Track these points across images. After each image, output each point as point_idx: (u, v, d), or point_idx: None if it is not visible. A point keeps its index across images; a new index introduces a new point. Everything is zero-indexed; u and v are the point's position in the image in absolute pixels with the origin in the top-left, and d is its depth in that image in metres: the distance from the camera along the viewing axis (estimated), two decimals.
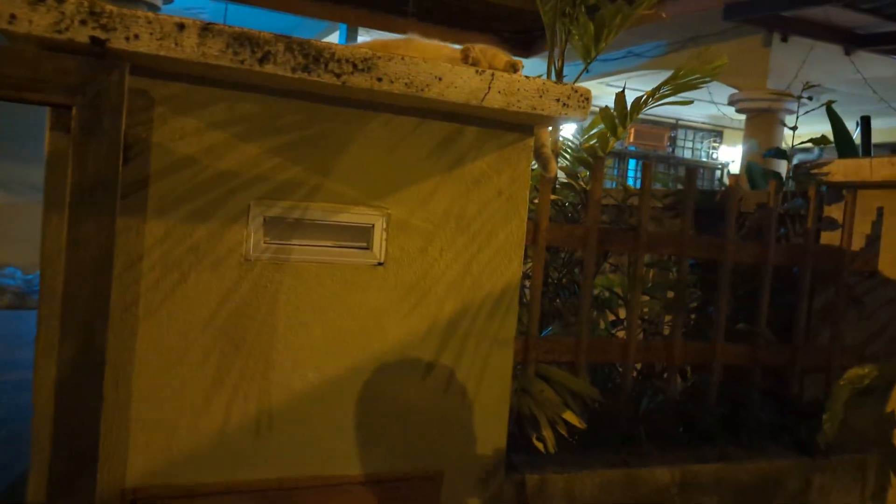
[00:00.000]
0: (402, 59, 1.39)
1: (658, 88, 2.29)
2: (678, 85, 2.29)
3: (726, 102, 7.41)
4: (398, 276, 1.51)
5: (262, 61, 1.27)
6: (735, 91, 7.08)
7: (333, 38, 10.53)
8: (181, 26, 1.22)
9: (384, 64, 1.37)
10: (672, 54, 7.45)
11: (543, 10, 2.57)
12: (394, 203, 1.50)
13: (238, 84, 1.36)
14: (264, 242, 1.40)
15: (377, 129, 1.48)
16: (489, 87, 1.45)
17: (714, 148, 13.99)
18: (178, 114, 1.33)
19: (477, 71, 1.45)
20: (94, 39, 1.17)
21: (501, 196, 1.59)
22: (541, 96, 1.50)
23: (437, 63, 1.41)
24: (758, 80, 6.56)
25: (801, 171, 2.58)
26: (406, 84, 1.38)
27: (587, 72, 7.58)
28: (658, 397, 2.12)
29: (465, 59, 1.64)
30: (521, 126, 1.61)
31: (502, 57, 1.69)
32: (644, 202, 1.97)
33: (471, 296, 1.58)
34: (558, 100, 1.51)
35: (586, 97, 1.54)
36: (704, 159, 13.72)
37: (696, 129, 13.86)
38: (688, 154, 13.63)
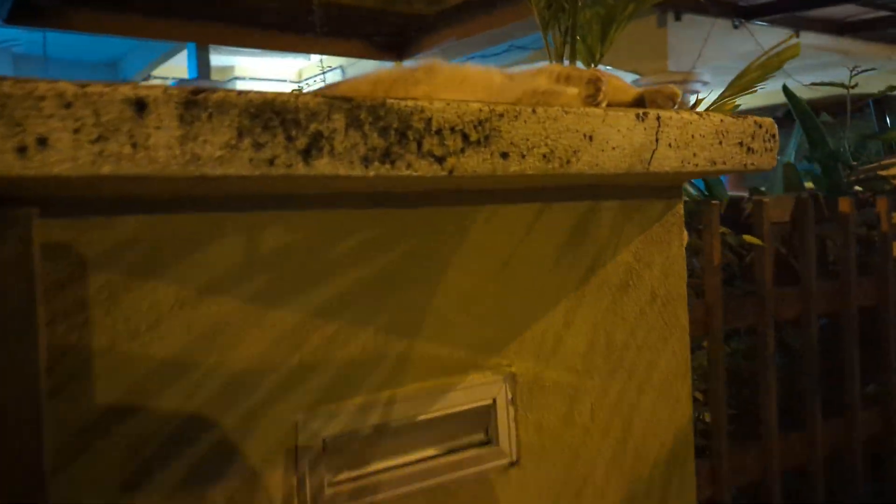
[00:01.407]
0: (534, 112, 0.78)
1: (723, 97, 1.78)
2: (744, 84, 1.80)
3: None
4: (540, 475, 0.89)
5: (307, 154, 0.63)
6: (637, 77, 6.83)
7: (179, 59, 9.50)
8: (140, 106, 0.55)
9: (509, 127, 0.75)
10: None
11: (538, 8, 2.02)
12: (517, 353, 0.88)
13: (259, 199, 0.71)
14: (329, 486, 0.74)
15: (480, 233, 0.86)
16: (657, 140, 0.87)
17: None
18: (140, 278, 0.65)
19: (638, 116, 0.85)
20: None
21: (656, 301, 1.01)
22: (720, 142, 0.93)
23: (582, 113, 0.81)
24: (658, 62, 6.32)
25: (863, 174, 2.16)
26: (545, 156, 0.77)
27: None
28: None
29: (559, 80, 1.08)
30: (671, 188, 1.03)
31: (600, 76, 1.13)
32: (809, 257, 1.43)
33: (636, 471, 0.98)
34: (741, 143, 0.95)
35: (772, 133, 0.99)
36: None
37: None
38: None
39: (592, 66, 2.12)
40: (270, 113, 0.61)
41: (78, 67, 10.92)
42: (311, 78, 11.20)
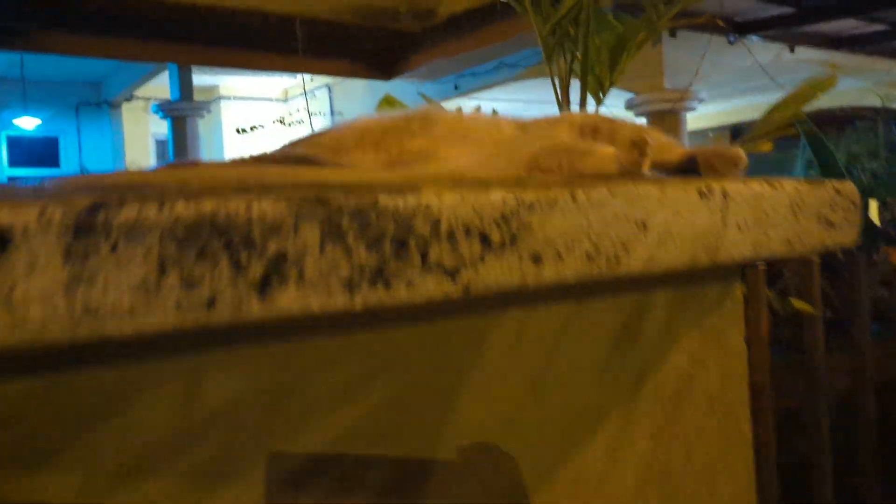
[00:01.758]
0: (573, 200, 0.59)
1: (754, 134, 1.61)
2: (779, 120, 1.63)
3: (623, 107, 7.00)
4: None
5: (265, 287, 0.43)
6: (632, 96, 6.68)
7: (162, 79, 9.30)
8: (2, 241, 0.36)
9: (543, 221, 0.56)
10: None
11: (541, 36, 1.83)
12: (550, 499, 0.69)
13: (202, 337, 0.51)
14: None
15: (501, 349, 0.67)
16: (724, 222, 0.68)
17: None
18: (22, 472, 0.45)
19: (701, 193, 0.67)
20: None
21: (715, 412, 0.82)
22: (795, 216, 0.74)
23: (634, 195, 0.63)
24: (655, 80, 6.17)
25: None
26: (588, 255, 0.58)
27: (456, 89, 6.85)
28: None
29: (585, 134, 0.90)
30: (729, 268, 0.84)
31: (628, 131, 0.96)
32: None
33: None
34: (819, 216, 0.76)
35: (853, 200, 0.80)
36: None
37: None
38: None
39: (601, 95, 1.94)
40: (209, 233, 0.41)
41: (59, 88, 10.71)
42: (297, 97, 11.03)
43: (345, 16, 7.06)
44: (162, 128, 9.60)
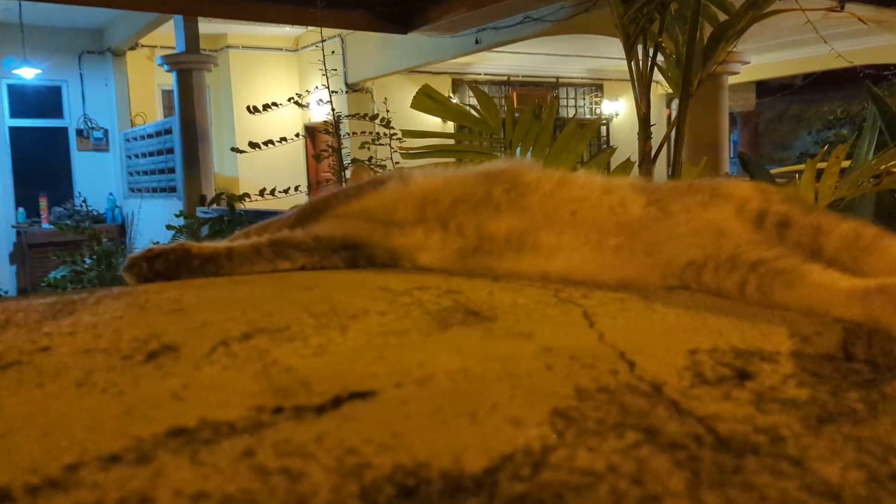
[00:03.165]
0: None
1: None
2: None
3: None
4: None
5: None
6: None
7: (167, 28, 8.85)
8: None
9: None
10: (582, 16, 6.48)
11: (621, 22, 1.49)
12: None
13: None
14: None
15: None
16: None
17: (596, 103, 13.32)
18: None
19: None
20: None
21: None
22: None
23: None
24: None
25: None
26: None
27: (477, 43, 6.39)
28: None
29: None
30: None
31: None
32: None
33: None
34: None
35: None
36: (588, 115, 13.04)
37: (576, 86, 13.12)
38: (571, 112, 12.88)
39: (683, 91, 1.59)
40: None
41: (60, 35, 10.27)
42: (308, 46, 10.55)
43: None
44: (168, 78, 9.20)
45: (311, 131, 10.46)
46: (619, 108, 13.09)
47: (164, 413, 0.54)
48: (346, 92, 9.82)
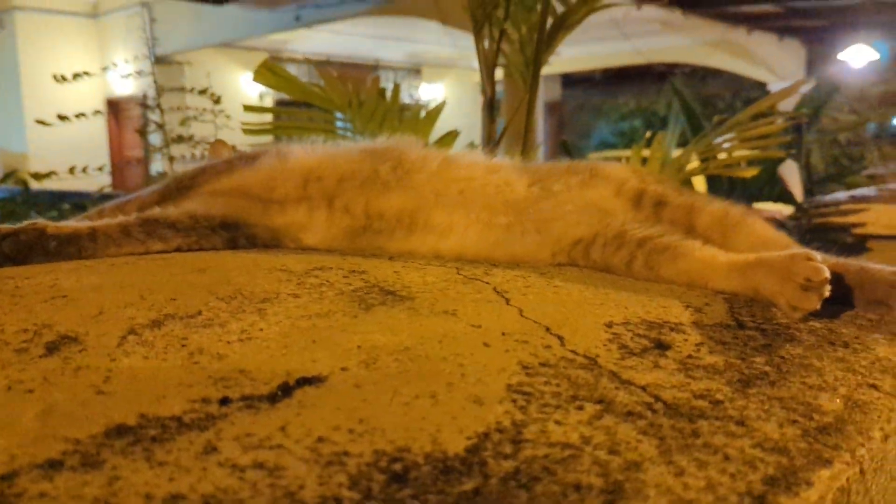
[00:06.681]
0: None
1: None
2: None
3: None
4: None
5: None
6: None
7: None
8: None
9: None
10: None
11: (471, 6, 1.50)
12: None
13: None
14: None
15: None
16: None
17: (415, 87, 13.45)
18: None
19: None
20: None
21: None
22: None
23: None
24: None
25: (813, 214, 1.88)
26: None
27: (297, 20, 6.30)
28: None
29: None
30: None
31: None
32: None
33: None
34: None
35: None
36: (408, 100, 13.14)
37: (395, 69, 13.15)
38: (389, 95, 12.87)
39: (531, 76, 1.65)
40: None
41: None
42: (110, 13, 9.70)
43: None
44: None
45: (113, 105, 9.67)
46: (436, 93, 13.32)
47: (92, 411, 0.48)
48: (154, 64, 9.16)
